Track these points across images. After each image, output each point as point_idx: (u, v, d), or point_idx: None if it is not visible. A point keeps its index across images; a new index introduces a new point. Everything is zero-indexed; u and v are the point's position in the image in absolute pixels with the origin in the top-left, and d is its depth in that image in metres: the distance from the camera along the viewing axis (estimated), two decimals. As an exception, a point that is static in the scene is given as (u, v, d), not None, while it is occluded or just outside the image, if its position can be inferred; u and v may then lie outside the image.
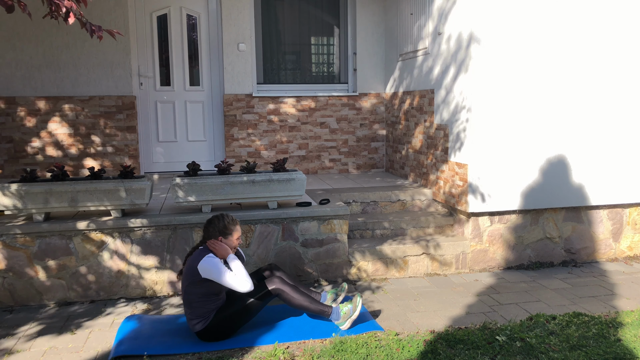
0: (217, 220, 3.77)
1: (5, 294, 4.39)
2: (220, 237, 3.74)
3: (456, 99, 5.18)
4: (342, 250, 4.91)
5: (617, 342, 3.57)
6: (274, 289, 3.74)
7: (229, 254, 3.71)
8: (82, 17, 3.39)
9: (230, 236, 3.75)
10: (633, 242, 5.62)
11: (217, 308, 3.69)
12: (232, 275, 3.59)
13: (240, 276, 3.61)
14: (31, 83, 6.37)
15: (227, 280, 3.58)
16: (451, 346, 3.52)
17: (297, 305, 3.79)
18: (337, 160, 7.24)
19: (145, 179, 4.60)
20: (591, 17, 5.15)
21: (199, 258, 3.62)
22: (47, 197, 4.39)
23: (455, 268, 5.20)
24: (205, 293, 3.63)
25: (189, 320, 3.67)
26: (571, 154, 5.24)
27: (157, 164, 6.99)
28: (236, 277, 3.60)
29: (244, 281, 3.60)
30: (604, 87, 5.26)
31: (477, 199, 5.07)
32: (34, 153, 6.47)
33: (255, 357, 3.45)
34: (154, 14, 6.76)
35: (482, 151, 5.03)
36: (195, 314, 3.64)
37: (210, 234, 3.76)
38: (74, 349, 3.63)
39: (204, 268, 3.58)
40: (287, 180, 4.77)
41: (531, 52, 5.04)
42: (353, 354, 3.42)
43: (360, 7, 7.06)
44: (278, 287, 3.74)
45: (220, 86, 6.97)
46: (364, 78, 7.19)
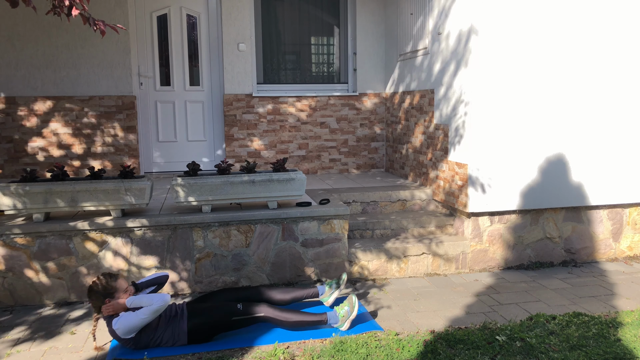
0: (95, 286, 3.58)
1: (5, 294, 4.39)
2: (107, 300, 3.57)
3: (456, 98, 5.18)
4: (342, 250, 4.91)
5: (617, 342, 3.57)
6: (263, 316, 3.69)
7: (125, 306, 3.55)
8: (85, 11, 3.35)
9: (116, 292, 3.60)
10: (633, 242, 5.62)
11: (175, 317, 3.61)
12: (146, 310, 3.46)
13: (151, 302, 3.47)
14: (31, 83, 6.37)
15: (148, 316, 3.46)
16: (451, 346, 3.52)
17: (291, 326, 3.74)
18: (337, 160, 7.24)
19: (145, 179, 4.60)
20: (591, 18, 5.15)
21: (112, 330, 3.50)
22: (47, 197, 4.39)
23: (455, 268, 5.20)
24: (151, 333, 3.54)
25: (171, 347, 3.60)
26: (571, 154, 5.24)
27: (157, 164, 6.99)
28: (150, 307, 3.46)
29: (157, 303, 3.46)
30: (604, 87, 5.26)
31: (477, 198, 5.07)
32: (34, 153, 6.47)
33: (255, 357, 3.45)
34: (154, 13, 6.76)
35: (482, 151, 5.03)
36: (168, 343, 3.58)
37: (97, 303, 3.58)
38: (74, 349, 3.63)
39: (123, 330, 3.47)
40: (287, 180, 4.77)
41: (531, 52, 5.04)
42: (353, 354, 3.42)
43: (360, 7, 7.06)
44: (267, 315, 3.69)
45: (220, 86, 6.97)
46: (364, 78, 7.19)
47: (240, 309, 3.67)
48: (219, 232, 4.67)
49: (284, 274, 4.82)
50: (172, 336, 3.57)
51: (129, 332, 3.48)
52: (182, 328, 3.59)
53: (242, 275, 4.74)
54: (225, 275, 4.71)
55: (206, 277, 4.68)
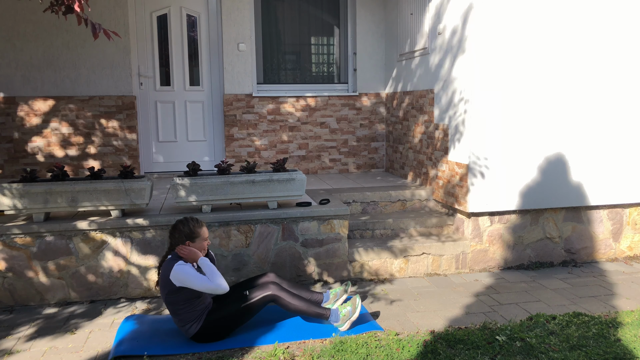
0: (181, 225, 3.67)
1: (5, 294, 4.39)
2: (187, 242, 3.64)
3: (456, 98, 5.18)
4: (342, 250, 4.91)
5: (617, 342, 3.57)
6: (270, 294, 3.70)
7: (199, 258, 3.63)
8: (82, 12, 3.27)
9: (197, 239, 3.66)
10: (633, 242, 5.62)
11: (205, 309, 3.65)
12: (205, 280, 3.51)
13: (214, 279, 3.53)
14: (31, 83, 6.37)
15: (201, 285, 3.50)
16: (451, 346, 3.52)
17: (294, 311, 3.77)
18: (337, 160, 7.24)
19: (145, 179, 4.60)
20: (593, 16, 5.15)
21: (169, 267, 3.54)
22: (47, 197, 4.39)
23: (455, 268, 5.20)
24: (186, 299, 3.57)
25: (181, 327, 3.64)
26: (571, 154, 5.24)
27: (157, 164, 6.99)
28: (210, 281, 3.52)
29: (218, 283, 3.52)
30: (604, 87, 5.26)
31: (477, 198, 5.07)
32: (33, 153, 6.47)
33: (255, 357, 3.45)
34: (154, 13, 6.76)
35: (482, 151, 5.03)
36: (184, 320, 3.61)
37: (177, 240, 3.66)
38: (74, 349, 3.64)
39: (176, 277, 3.51)
40: (287, 180, 4.77)
41: (531, 52, 5.04)
42: (353, 354, 3.42)
43: (360, 7, 7.07)
44: (274, 294, 3.71)
45: (220, 86, 6.97)
46: (364, 78, 7.19)
47: (247, 295, 3.70)
48: (219, 232, 4.67)
49: (284, 274, 4.81)
50: (191, 319, 3.59)
51: (179, 280, 3.50)
52: (201, 320, 3.61)
53: (242, 275, 4.74)
54: (225, 275, 4.71)
55: (206, 277, 4.68)
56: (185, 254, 3.61)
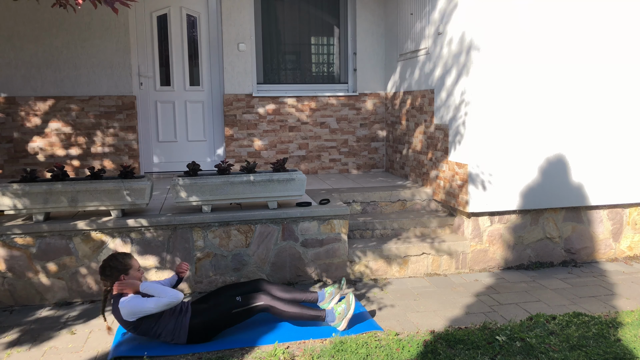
0: (111, 262, 3.59)
1: (5, 294, 4.39)
2: (122, 276, 3.56)
3: (456, 99, 5.18)
4: (342, 250, 4.91)
5: (617, 342, 3.57)
6: (262, 305, 3.69)
7: (139, 285, 3.56)
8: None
9: (131, 270, 3.59)
10: (633, 242, 5.62)
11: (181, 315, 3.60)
12: (156, 300, 3.46)
13: (165, 294, 3.48)
14: (31, 83, 6.37)
15: (156, 306, 3.46)
16: (451, 346, 3.52)
17: (289, 317, 3.76)
18: (337, 160, 7.24)
19: (145, 179, 4.60)
20: (591, 19, 5.15)
21: (117, 308, 3.49)
22: (47, 197, 4.39)
23: (455, 268, 5.20)
24: (152, 322, 3.53)
25: (171, 342, 3.60)
26: (571, 154, 5.24)
27: (157, 164, 6.99)
28: (162, 298, 3.47)
29: (171, 296, 3.47)
30: (603, 88, 5.26)
31: (477, 198, 5.07)
32: (34, 153, 6.47)
33: (255, 357, 3.45)
34: (154, 13, 6.76)
35: (482, 151, 5.03)
36: (167, 336, 3.57)
37: (111, 279, 3.57)
38: (74, 349, 3.64)
39: (128, 313, 3.46)
40: (287, 180, 4.77)
41: (531, 53, 5.04)
42: (353, 354, 3.42)
43: (360, 7, 7.06)
44: (266, 304, 3.69)
45: (220, 86, 6.97)
46: (364, 78, 7.19)
47: (239, 302, 3.68)
48: (219, 232, 4.67)
49: (284, 274, 4.82)
50: (172, 332, 3.57)
51: (133, 315, 3.46)
52: (184, 326, 3.58)
53: (242, 275, 4.74)
54: (225, 275, 4.71)
55: (206, 277, 4.68)
56: (124, 287, 3.53)
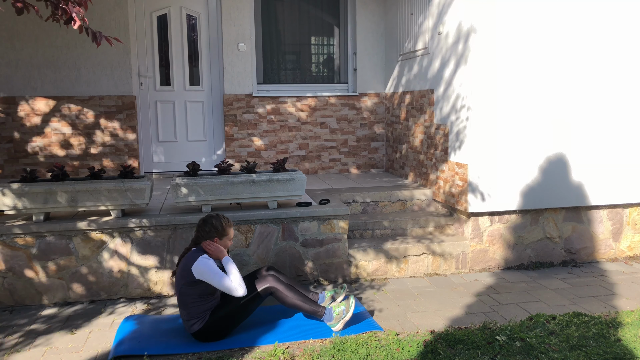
0: (214, 219, 3.72)
1: (5, 294, 4.39)
2: (216, 238, 3.70)
3: (456, 98, 5.18)
4: (342, 250, 4.91)
5: (617, 342, 3.57)
6: (268, 287, 3.72)
7: (224, 256, 3.68)
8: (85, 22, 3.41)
9: (225, 237, 3.72)
10: (633, 242, 5.62)
11: (212, 308, 3.67)
12: (226, 279, 3.55)
13: (235, 280, 3.56)
14: (31, 83, 6.37)
15: (221, 284, 3.53)
16: (451, 346, 3.52)
17: (291, 304, 3.78)
18: (337, 160, 7.24)
19: (145, 179, 4.60)
20: (592, 15, 5.15)
21: (193, 259, 3.58)
22: (47, 197, 4.39)
23: (455, 268, 5.20)
24: (200, 294, 3.60)
25: (185, 321, 3.66)
26: (571, 154, 5.24)
27: (157, 164, 6.99)
28: (231, 281, 3.55)
29: (238, 285, 3.55)
30: (604, 87, 5.26)
31: (477, 198, 5.07)
32: (34, 153, 6.47)
33: (255, 357, 3.45)
34: (154, 14, 6.76)
35: (482, 151, 5.03)
36: (191, 314, 3.62)
37: (205, 234, 3.70)
38: (74, 349, 3.64)
39: (198, 269, 3.54)
40: (287, 180, 4.77)
41: (531, 53, 5.04)
42: (353, 354, 3.42)
43: (360, 7, 7.07)
44: (272, 286, 3.73)
45: (220, 86, 6.97)
46: (364, 78, 7.19)
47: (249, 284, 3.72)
48: (219, 232, 4.67)
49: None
50: (194, 316, 3.60)
51: (200, 274, 3.53)
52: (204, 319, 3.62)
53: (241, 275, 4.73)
54: (225, 275, 4.71)
55: (206, 277, 4.68)
56: (212, 249, 3.65)
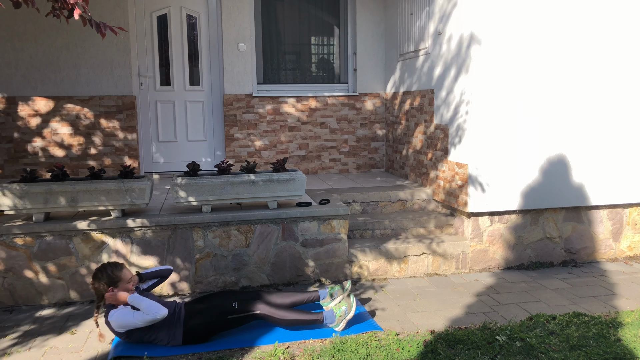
0: (100, 273, 3.60)
1: (5, 294, 4.39)
2: (111, 288, 3.58)
3: (456, 99, 5.18)
4: (342, 250, 4.91)
5: (617, 342, 3.57)
6: (259, 314, 3.68)
7: (125, 300, 3.55)
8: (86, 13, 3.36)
9: (121, 283, 3.60)
10: (633, 242, 5.62)
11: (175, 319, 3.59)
12: (142, 315, 3.47)
13: (150, 311, 3.46)
14: (31, 83, 6.37)
15: (141, 321, 3.47)
16: (451, 346, 3.52)
17: (286, 325, 3.73)
18: (337, 160, 7.24)
19: (145, 179, 4.60)
20: (591, 18, 5.15)
21: (107, 318, 3.53)
22: (47, 197, 4.39)
23: (455, 268, 5.20)
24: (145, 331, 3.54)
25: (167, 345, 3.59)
26: (571, 154, 5.24)
27: (157, 164, 6.99)
28: (147, 314, 3.46)
29: (155, 313, 3.46)
30: (604, 87, 5.26)
31: (477, 198, 5.07)
32: (34, 153, 6.47)
33: (255, 357, 3.45)
34: (154, 13, 6.76)
35: (482, 151, 5.03)
36: (163, 340, 3.57)
37: (101, 290, 3.60)
38: (74, 349, 3.63)
39: (116, 324, 3.50)
40: (287, 180, 4.77)
41: (531, 53, 5.04)
42: (353, 354, 3.42)
43: (360, 7, 7.06)
44: (263, 313, 3.68)
45: (220, 86, 6.97)
46: (364, 78, 7.19)
47: (235, 308, 3.67)
48: (219, 232, 4.67)
49: (284, 274, 4.81)
50: (167, 335, 3.57)
51: (122, 327, 3.50)
52: (179, 328, 3.58)
53: (242, 275, 4.74)
54: (225, 275, 4.71)
55: (206, 277, 4.68)
56: (112, 300, 3.56)
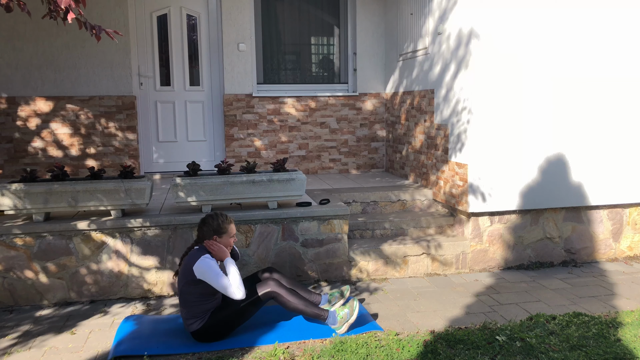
0: (211, 219, 3.73)
1: (5, 294, 4.39)
2: (215, 237, 3.70)
3: (456, 99, 5.18)
4: (342, 250, 4.91)
5: (617, 342, 3.57)
6: (269, 291, 3.71)
7: (226, 257, 3.68)
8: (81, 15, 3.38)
9: (225, 235, 3.72)
10: (633, 242, 5.62)
11: (212, 308, 3.67)
12: (226, 281, 3.55)
13: (235, 283, 3.56)
14: (31, 83, 6.37)
15: (221, 285, 3.53)
16: (451, 346, 3.52)
17: (293, 309, 3.75)
18: (337, 160, 7.24)
19: (145, 179, 4.60)
20: (592, 16, 5.15)
21: (195, 258, 3.59)
22: (47, 197, 4.39)
23: (455, 268, 5.20)
24: (201, 293, 3.60)
25: (185, 320, 3.66)
26: (571, 154, 5.24)
27: (157, 164, 6.99)
28: (230, 283, 3.55)
29: (236, 289, 3.55)
30: (604, 87, 5.26)
31: (477, 199, 5.07)
32: (34, 153, 6.47)
33: (255, 357, 3.45)
34: (154, 14, 6.76)
35: (482, 151, 5.03)
36: (191, 313, 3.62)
37: (204, 234, 3.71)
38: (74, 349, 3.63)
39: (199, 269, 3.54)
40: (287, 180, 4.77)
41: (531, 52, 5.04)
42: (353, 354, 3.42)
43: (360, 7, 7.06)
44: (273, 290, 3.71)
45: (220, 86, 6.97)
46: (364, 78, 7.19)
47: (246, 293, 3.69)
48: (219, 232, 4.67)
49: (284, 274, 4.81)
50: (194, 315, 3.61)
51: (201, 274, 3.53)
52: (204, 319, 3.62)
53: (242, 275, 4.73)
54: (225, 275, 4.71)
55: (206, 277, 4.68)
56: (214, 249, 3.66)
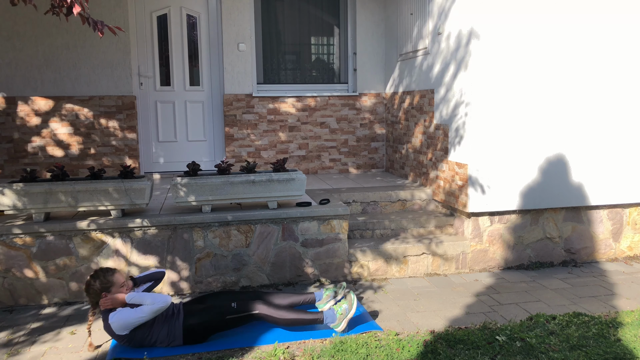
0: (92, 281, 3.58)
1: (5, 294, 4.39)
2: (104, 293, 3.56)
3: (456, 98, 5.18)
4: (342, 250, 4.91)
5: (617, 342, 3.57)
6: (257, 314, 3.67)
7: (122, 301, 3.54)
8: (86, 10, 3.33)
9: (113, 287, 3.58)
10: (633, 242, 5.62)
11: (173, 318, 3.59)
12: (147, 309, 3.47)
13: (155, 302, 3.47)
14: (31, 83, 6.37)
15: (148, 314, 3.46)
16: (451, 346, 3.52)
17: (285, 324, 3.72)
18: (337, 160, 7.24)
19: (145, 179, 4.60)
20: (592, 16, 5.15)
21: (107, 322, 3.49)
22: (47, 197, 4.39)
23: (455, 268, 5.20)
24: (146, 331, 3.53)
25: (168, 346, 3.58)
26: (571, 154, 5.24)
27: (157, 164, 6.99)
28: (152, 306, 3.47)
29: (159, 302, 3.48)
30: (604, 86, 5.26)
31: (477, 198, 5.07)
32: (34, 153, 6.47)
33: (255, 357, 3.45)
34: (154, 13, 6.76)
35: (482, 151, 5.03)
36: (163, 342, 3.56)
37: (94, 298, 3.58)
38: (74, 349, 3.64)
39: (120, 327, 3.46)
40: (287, 180, 4.77)
41: (531, 52, 5.04)
42: (353, 354, 3.42)
43: (360, 7, 7.07)
44: (262, 313, 3.67)
45: (220, 86, 6.97)
46: (364, 78, 7.19)
47: (234, 308, 3.66)
48: (219, 232, 4.67)
49: (284, 274, 4.82)
50: (167, 336, 3.56)
51: (125, 328, 3.47)
52: (178, 328, 3.58)
53: (242, 275, 4.74)
54: (225, 275, 4.71)
55: (206, 277, 4.68)
56: (109, 305, 3.53)
